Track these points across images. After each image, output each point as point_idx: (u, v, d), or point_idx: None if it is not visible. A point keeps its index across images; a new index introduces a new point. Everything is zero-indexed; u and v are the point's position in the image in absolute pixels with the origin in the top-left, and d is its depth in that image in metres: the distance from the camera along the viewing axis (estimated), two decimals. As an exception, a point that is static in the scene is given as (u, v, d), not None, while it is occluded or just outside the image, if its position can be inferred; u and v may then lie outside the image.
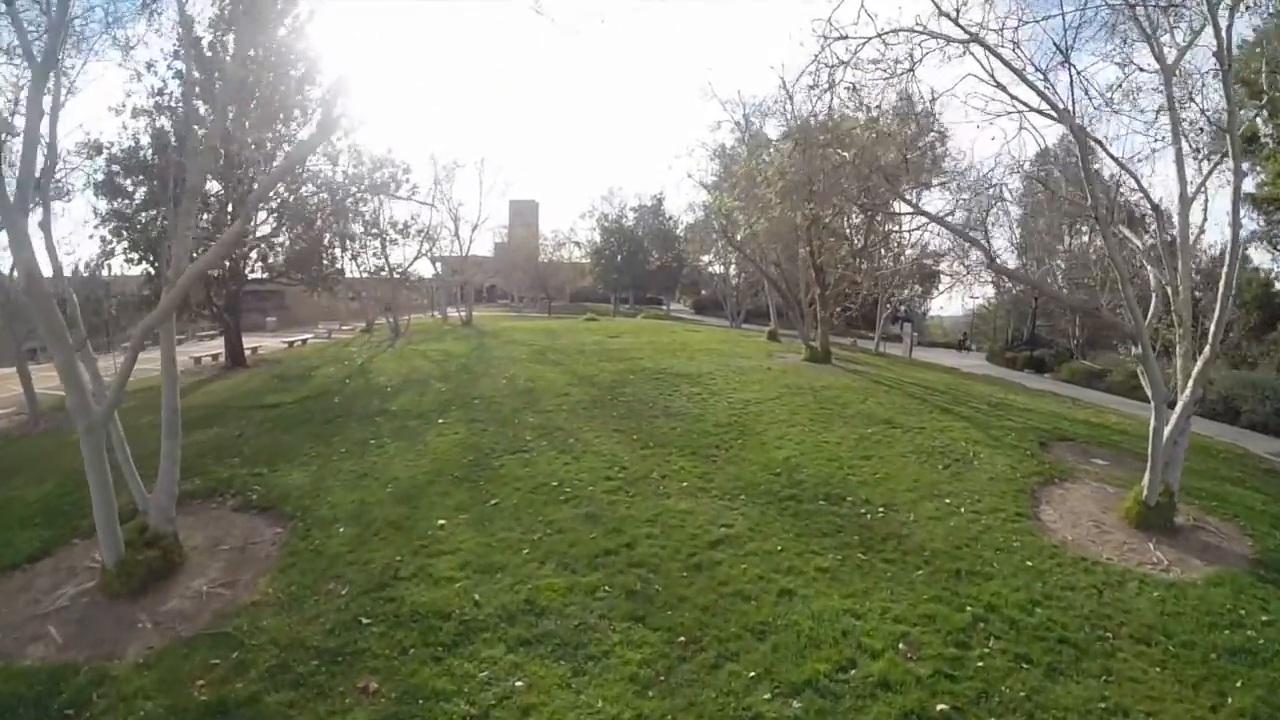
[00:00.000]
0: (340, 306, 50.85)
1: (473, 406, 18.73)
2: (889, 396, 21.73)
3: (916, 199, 19.29)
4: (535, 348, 30.38)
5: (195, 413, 20.45)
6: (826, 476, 13.57)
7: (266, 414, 19.58)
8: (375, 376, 24.54)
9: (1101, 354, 45.67)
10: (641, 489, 12.59)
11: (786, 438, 16.02)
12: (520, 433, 16.07)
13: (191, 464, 15.13)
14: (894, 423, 17.90)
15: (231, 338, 31.25)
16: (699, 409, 18.37)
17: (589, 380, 21.89)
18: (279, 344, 40.66)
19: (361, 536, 11.02)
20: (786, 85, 27.85)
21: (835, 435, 16.44)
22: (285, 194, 31.15)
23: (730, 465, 14.08)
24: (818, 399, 20.11)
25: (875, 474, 13.89)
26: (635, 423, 16.94)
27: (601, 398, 19.43)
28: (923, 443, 16.21)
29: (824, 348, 29.54)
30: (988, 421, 19.20)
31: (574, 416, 17.47)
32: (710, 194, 35.44)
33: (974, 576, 9.86)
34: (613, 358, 26.56)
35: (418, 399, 20.06)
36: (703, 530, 10.92)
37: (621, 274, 75.71)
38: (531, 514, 11.53)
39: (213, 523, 12.47)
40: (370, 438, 16.28)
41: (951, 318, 76.72)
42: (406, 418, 17.93)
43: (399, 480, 13.34)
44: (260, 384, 24.87)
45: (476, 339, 35.95)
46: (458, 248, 52.62)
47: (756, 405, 18.92)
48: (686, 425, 16.77)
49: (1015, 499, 12.94)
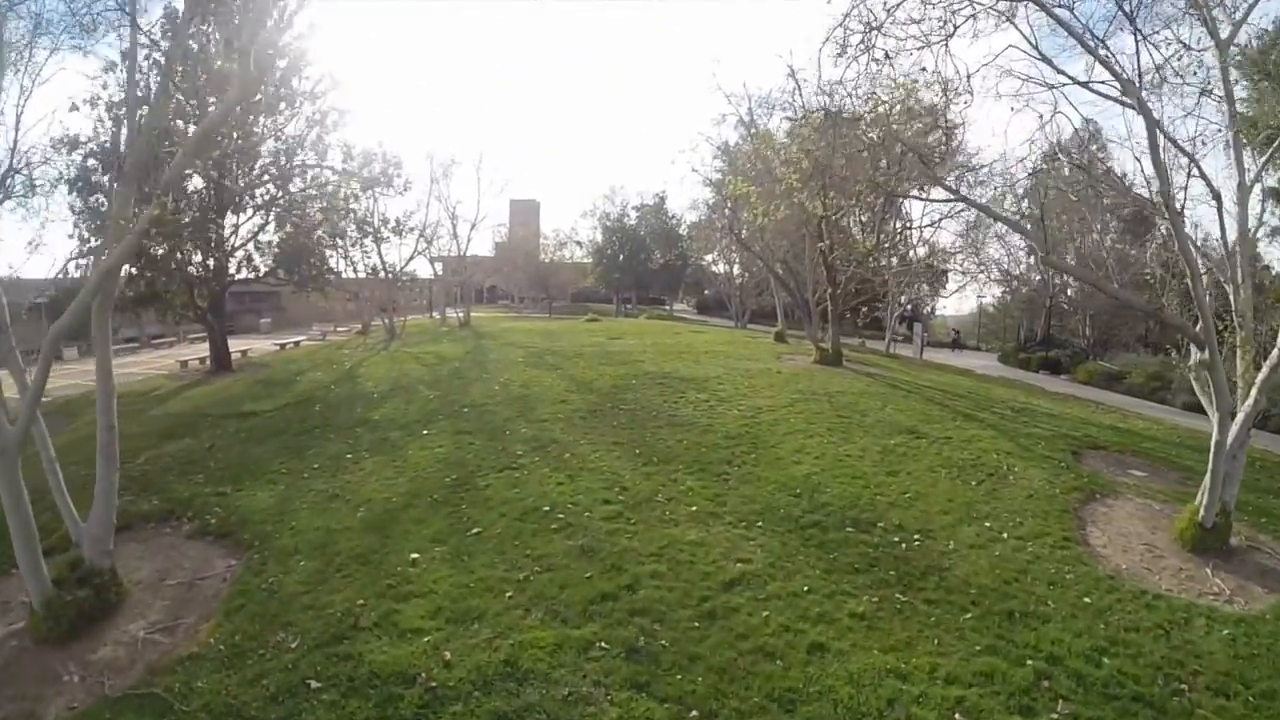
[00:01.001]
0: (337, 308, 49.56)
1: (461, 416, 17.32)
2: (908, 402, 20.36)
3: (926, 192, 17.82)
4: (533, 350, 29.00)
5: (168, 421, 19.21)
6: (852, 497, 12.15)
7: (241, 423, 18.21)
8: (362, 382, 23.14)
9: (1116, 355, 44.22)
10: (645, 515, 11.12)
11: (804, 451, 14.60)
12: (510, 446, 14.63)
13: (153, 480, 14.00)
14: (918, 432, 16.52)
15: (216, 340, 29.83)
16: (707, 418, 16.95)
17: (587, 386, 20.48)
18: (270, 346, 39.28)
19: (323, 572, 9.61)
20: (795, 74, 26.58)
21: (856, 447, 15.05)
22: (274, 190, 29.83)
23: (744, 485, 12.62)
24: (834, 406, 18.75)
25: (905, 493, 12.52)
26: (637, 434, 15.49)
27: (601, 405, 18.02)
28: (951, 455, 14.83)
29: (835, 350, 28.17)
30: (1015, 429, 17.88)
31: (570, 427, 16.03)
32: (719, 185, 33.77)
33: (1029, 619, 8.57)
34: (613, 361, 25.17)
35: (403, 407, 18.66)
36: (716, 567, 9.46)
37: (623, 274, 74.31)
38: (518, 547, 10.06)
39: (163, 551, 11.13)
40: (347, 451, 14.87)
41: (956, 318, 75.28)
42: (389, 428, 16.54)
43: (372, 503, 11.90)
44: (241, 390, 23.48)
45: (473, 341, 34.60)
46: (456, 247, 51.33)
47: (769, 413, 17.52)
48: (694, 437, 15.32)
49: (1059, 520, 11.69)
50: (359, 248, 37.55)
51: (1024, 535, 10.98)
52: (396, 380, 22.79)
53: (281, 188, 29.92)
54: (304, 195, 30.87)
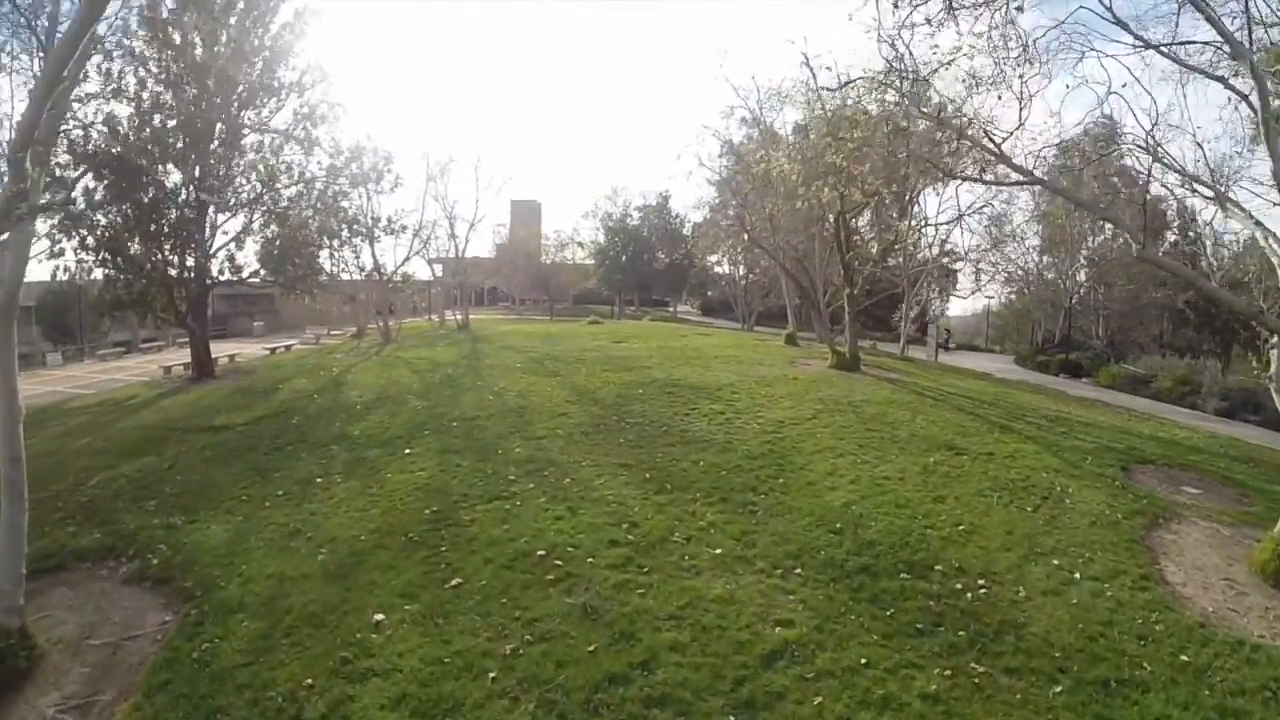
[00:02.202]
0: (332, 310, 47.90)
1: (449, 431, 15.58)
2: (937, 411, 18.82)
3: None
4: (532, 355, 27.27)
5: (133, 435, 17.60)
6: (901, 532, 10.42)
7: (210, 439, 16.52)
8: (347, 391, 21.42)
9: (1138, 357, 42.50)
10: (659, 560, 9.36)
11: (837, 473, 12.88)
12: (501, 469, 12.87)
13: (100, 508, 12.35)
14: (956, 447, 14.89)
15: (197, 346, 28.06)
16: (724, 434, 15.21)
17: (590, 396, 18.76)
18: (260, 351, 37.62)
19: (268, 637, 7.90)
20: (809, 61, 24.93)
21: (894, 467, 13.36)
22: (259, 188, 28.10)
23: (774, 518, 10.84)
24: (861, 418, 17.13)
25: (958, 524, 10.82)
26: (646, 454, 13.74)
27: (605, 419, 16.29)
28: (998, 475, 13.21)
29: (853, 354, 26.53)
30: (1056, 441, 16.34)
31: (570, 445, 14.26)
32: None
33: (1126, 688, 7.17)
34: (618, 367, 23.46)
35: (387, 420, 16.93)
36: (751, 633, 7.71)
37: (626, 275, 72.53)
38: (506, 605, 8.30)
39: (93, 600, 9.48)
40: (318, 474, 13.14)
41: (959, 318, 73.50)
42: (368, 445, 14.81)
43: (336, 543, 10.14)
44: (218, 399, 21.77)
45: (469, 345, 32.89)
46: (454, 248, 49.73)
47: (792, 428, 15.83)
48: (711, 457, 13.57)
49: (1129, 552, 10.25)
50: (349, 247, 35.70)
51: (1098, 574, 9.50)
52: (384, 389, 21.08)
53: (267, 184, 28.16)
54: (290, 192, 29.09)
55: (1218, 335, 43.06)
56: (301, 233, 29.41)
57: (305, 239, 29.69)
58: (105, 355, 41.46)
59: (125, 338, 47.55)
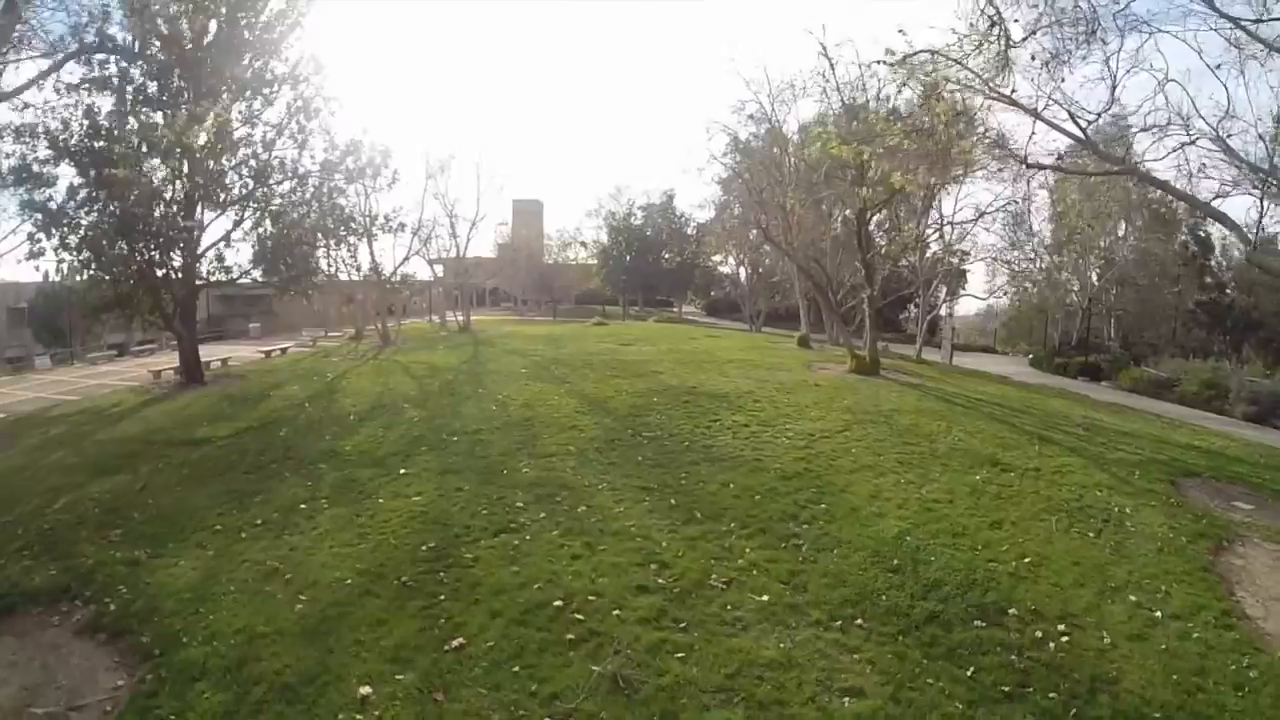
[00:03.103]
0: (331, 311, 46.63)
1: (449, 447, 14.25)
2: (971, 421, 17.55)
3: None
4: (537, 359, 26.00)
5: (108, 449, 16.31)
6: (964, 568, 9.14)
7: (189, 454, 15.21)
8: (341, 399, 20.13)
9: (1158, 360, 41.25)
10: (698, 612, 7.99)
11: (881, 496, 11.59)
12: (508, 494, 11.50)
13: (61, 538, 11.03)
14: (1001, 463, 13.65)
15: (185, 350, 26.69)
16: (752, 450, 13.89)
17: (602, 406, 17.45)
18: (255, 354, 36.19)
19: (233, 715, 6.56)
20: (827, 50, 23.67)
21: (940, 488, 12.09)
22: (250, 184, 26.74)
23: (822, 553, 9.50)
24: (894, 430, 15.90)
25: (1022, 555, 9.60)
26: (669, 474, 12.41)
27: (619, 433, 14.97)
28: (1051, 494, 12.06)
29: (873, 358, 25.27)
30: (1099, 453, 15.17)
31: (584, 465, 12.92)
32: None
33: None
34: (628, 372, 22.18)
35: (382, 433, 15.61)
36: (818, 710, 6.37)
37: (630, 275, 71.19)
38: (520, 675, 6.90)
39: (41, 655, 8.24)
40: (303, 499, 11.78)
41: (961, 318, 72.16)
42: (360, 463, 13.49)
43: (318, 588, 8.74)
44: (204, 408, 20.44)
45: (471, 348, 31.64)
46: (455, 247, 48.58)
47: (824, 442, 14.53)
48: (742, 478, 12.23)
49: (1204, 583, 9.34)
50: (344, 246, 34.21)
51: (1179, 612, 8.53)
52: (379, 397, 19.79)
53: (259, 180, 26.77)
54: (283, 188, 27.70)
55: (1228, 336, 42.20)
56: (294, 231, 28.03)
57: (299, 237, 28.29)
58: (96, 359, 40.06)
59: (120, 340, 46.25)
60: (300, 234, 28.37)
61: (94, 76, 23.27)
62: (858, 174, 22.19)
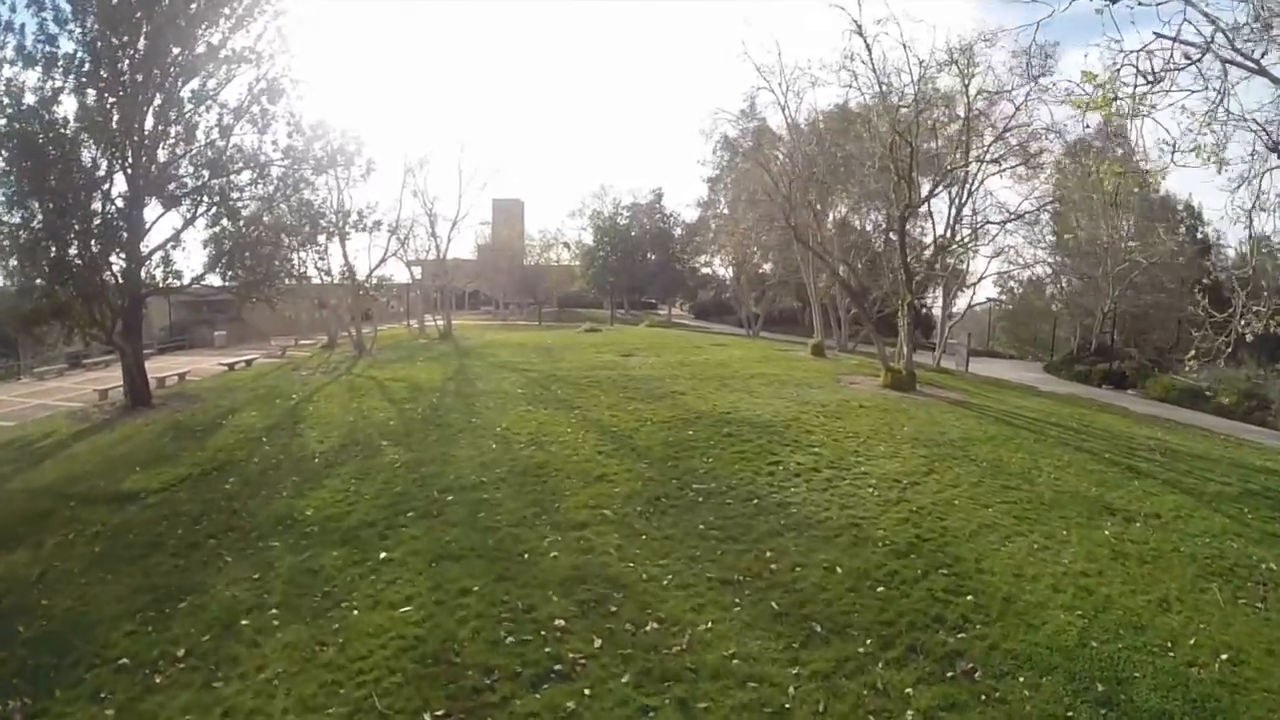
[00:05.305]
0: (303, 317, 43.08)
1: (443, 512, 10.92)
2: (1046, 449, 15.49)
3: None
4: (532, 375, 22.78)
5: (15, 507, 13.45)
6: (1178, 685, 6.94)
7: (110, 517, 11.92)
8: (306, 430, 16.76)
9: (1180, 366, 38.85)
10: None
11: (1025, 573, 9.08)
12: (539, 602, 8.17)
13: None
14: (1113, 508, 11.71)
15: (130, 368, 23.11)
16: (839, 507, 10.85)
17: (628, 443, 14.25)
18: (217, 366, 32.52)
19: None
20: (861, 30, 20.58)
21: (1077, 551, 9.93)
22: (205, 175, 23.22)
23: (1004, 681, 6.64)
24: (980, 467, 13.49)
25: (1216, 651, 7.62)
26: (751, 554, 9.24)
27: (662, 483, 11.81)
28: (1191, 550, 10.22)
29: (909, 371, 22.49)
30: (1195, 486, 13.51)
31: (631, 541, 9.67)
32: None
33: None
34: (645, 393, 19.04)
35: (354, 487, 12.26)
36: None
37: (617, 277, 67.88)
38: None
39: None
40: (246, 606, 8.46)
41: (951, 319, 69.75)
42: (324, 539, 10.16)
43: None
44: (141, 444, 17.04)
45: (455, 359, 28.35)
46: (435, 248, 45.73)
47: (916, 491, 11.77)
48: (846, 557, 9.16)
49: None
50: (311, 247, 30.59)
51: None
52: (352, 429, 16.46)
53: (215, 171, 23.21)
54: (242, 179, 24.11)
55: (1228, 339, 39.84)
56: (255, 229, 24.61)
57: (260, 236, 24.85)
58: (44, 373, 36.08)
59: (77, 350, 42.30)
60: (262, 232, 24.97)
61: (18, 47, 19.81)
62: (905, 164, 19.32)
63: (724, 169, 58.05)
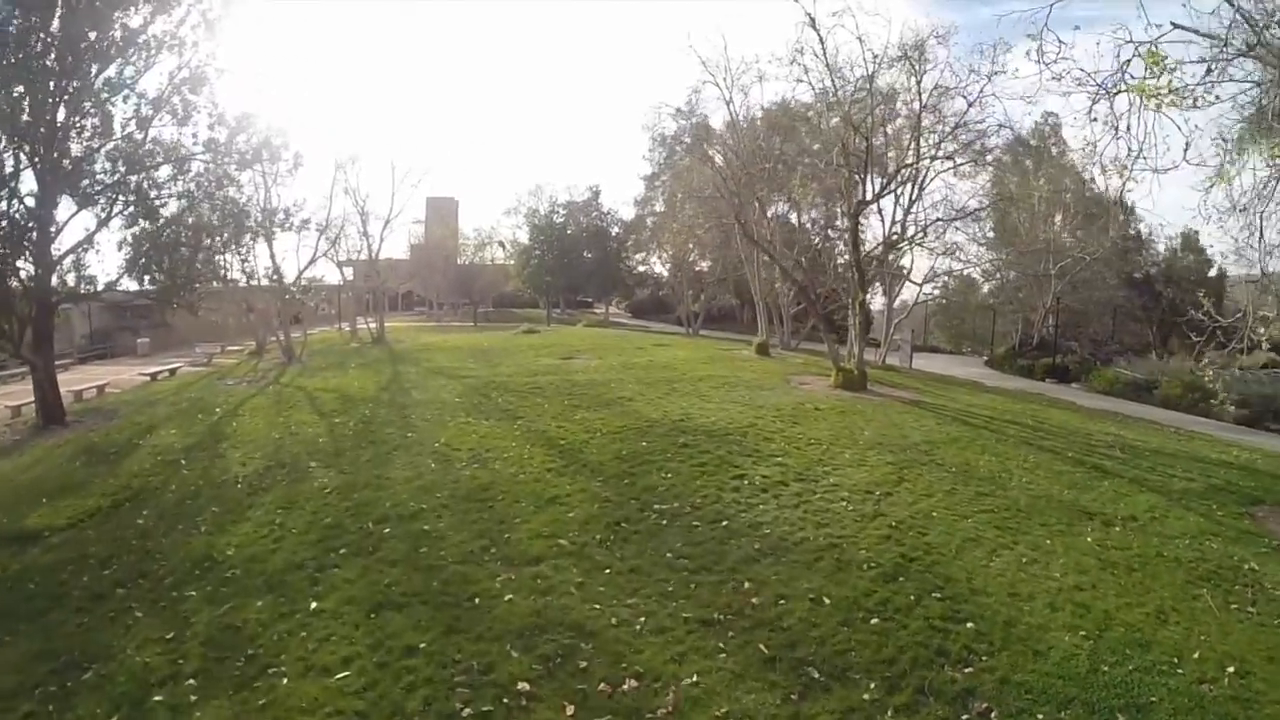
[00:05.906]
0: (230, 323, 41.19)
1: (380, 548, 9.84)
2: (1011, 450, 15.40)
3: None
4: (471, 381, 21.75)
5: None
6: (1194, 707, 6.65)
7: (11, 561, 10.62)
8: (229, 451, 15.48)
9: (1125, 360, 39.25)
10: None
11: (1019, 591, 8.63)
12: (497, 659, 7.12)
13: None
14: (1089, 511, 11.65)
15: (41, 383, 21.41)
16: (814, 526, 10.15)
17: (578, 457, 13.36)
18: (139, 377, 30.66)
19: None
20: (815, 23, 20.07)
21: (1065, 563, 9.58)
22: (120, 170, 21.61)
23: None
24: (949, 472, 13.21)
25: (1222, 664, 7.31)
26: (728, 587, 8.41)
27: (621, 505, 10.94)
28: (1174, 554, 10.15)
29: (861, 370, 22.07)
30: (1163, 484, 13.56)
31: (593, 577, 8.72)
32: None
33: None
34: (591, 400, 18.22)
35: (280, 519, 11.10)
36: None
37: (554, 276, 66.74)
38: None
39: None
40: (159, 677, 7.20)
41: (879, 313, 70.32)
42: (247, 586, 9.00)
43: None
44: (50, 469, 15.59)
45: (389, 366, 27.12)
46: (366, 248, 44.42)
47: (890, 504, 11.25)
48: (832, 584, 8.45)
49: None
50: (236, 247, 29.06)
51: None
52: (278, 447, 15.27)
53: (132, 167, 21.59)
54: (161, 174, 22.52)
55: (1157, 328, 43.19)
56: (174, 229, 23.11)
57: (180, 237, 23.34)
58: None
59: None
60: (183, 233, 23.47)
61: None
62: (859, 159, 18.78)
63: (662, 166, 57.65)
